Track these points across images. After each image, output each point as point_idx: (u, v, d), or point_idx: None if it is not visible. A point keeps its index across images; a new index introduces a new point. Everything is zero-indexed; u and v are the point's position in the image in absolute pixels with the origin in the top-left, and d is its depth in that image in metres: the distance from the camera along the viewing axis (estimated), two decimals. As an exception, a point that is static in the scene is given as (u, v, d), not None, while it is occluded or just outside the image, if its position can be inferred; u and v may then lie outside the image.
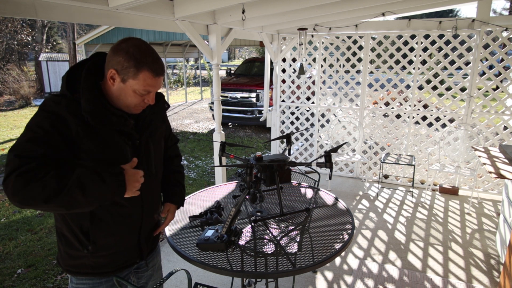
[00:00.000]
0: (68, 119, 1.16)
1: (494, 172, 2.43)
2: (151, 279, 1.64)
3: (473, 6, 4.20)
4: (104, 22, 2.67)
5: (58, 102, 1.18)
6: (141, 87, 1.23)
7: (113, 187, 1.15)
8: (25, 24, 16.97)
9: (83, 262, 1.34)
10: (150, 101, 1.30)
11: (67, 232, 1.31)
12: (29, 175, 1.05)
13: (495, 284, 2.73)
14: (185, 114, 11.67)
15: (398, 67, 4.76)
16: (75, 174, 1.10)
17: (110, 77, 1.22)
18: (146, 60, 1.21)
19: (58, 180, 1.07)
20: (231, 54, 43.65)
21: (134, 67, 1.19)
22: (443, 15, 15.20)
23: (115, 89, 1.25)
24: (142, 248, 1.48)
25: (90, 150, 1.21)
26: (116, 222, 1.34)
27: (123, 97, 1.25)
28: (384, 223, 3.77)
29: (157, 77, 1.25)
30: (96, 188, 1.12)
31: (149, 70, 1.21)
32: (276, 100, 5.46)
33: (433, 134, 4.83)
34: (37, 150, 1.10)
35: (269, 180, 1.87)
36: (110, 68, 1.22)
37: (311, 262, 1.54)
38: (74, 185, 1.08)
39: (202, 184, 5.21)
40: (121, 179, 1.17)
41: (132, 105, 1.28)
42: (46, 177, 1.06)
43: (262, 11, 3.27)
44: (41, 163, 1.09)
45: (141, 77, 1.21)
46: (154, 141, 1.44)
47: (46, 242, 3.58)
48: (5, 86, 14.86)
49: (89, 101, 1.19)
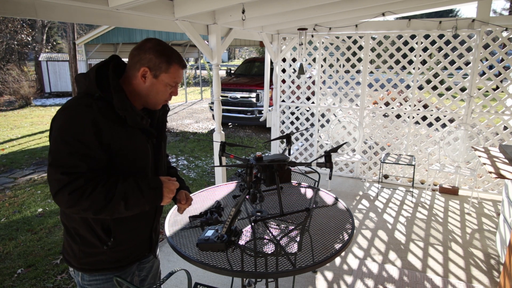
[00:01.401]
0: (101, 123, 1.21)
1: (494, 172, 2.43)
2: (151, 271, 1.69)
3: (473, 6, 4.20)
4: (104, 22, 2.67)
5: (90, 105, 1.21)
6: (172, 79, 1.34)
7: (150, 200, 1.27)
8: (25, 24, 16.96)
9: (100, 259, 1.38)
10: (175, 93, 1.40)
11: (84, 231, 1.34)
12: (79, 191, 1.15)
13: (495, 284, 2.73)
14: (185, 114, 11.67)
15: (398, 67, 4.76)
16: (118, 189, 1.21)
17: (142, 75, 1.31)
18: (174, 55, 1.33)
19: (105, 195, 1.18)
20: (231, 54, 43.64)
21: (166, 62, 1.30)
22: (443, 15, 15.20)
23: (146, 86, 1.33)
24: (152, 242, 1.57)
25: (120, 149, 1.27)
26: (134, 217, 1.39)
27: (154, 92, 1.34)
28: (384, 223, 3.77)
29: (183, 68, 1.38)
30: (136, 200, 1.24)
31: (178, 63, 1.34)
32: (276, 100, 5.46)
33: (433, 134, 4.83)
34: (82, 165, 1.18)
35: (269, 180, 1.87)
36: (141, 66, 1.30)
37: (311, 262, 1.54)
38: (118, 198, 1.20)
39: (202, 184, 5.21)
40: (158, 193, 1.29)
41: (162, 100, 1.38)
42: (94, 192, 1.17)
43: (262, 11, 3.27)
44: (88, 178, 1.18)
45: (172, 70, 1.32)
46: (163, 139, 1.54)
47: (46, 242, 3.58)
48: (5, 86, 14.86)
49: (121, 99, 1.26)
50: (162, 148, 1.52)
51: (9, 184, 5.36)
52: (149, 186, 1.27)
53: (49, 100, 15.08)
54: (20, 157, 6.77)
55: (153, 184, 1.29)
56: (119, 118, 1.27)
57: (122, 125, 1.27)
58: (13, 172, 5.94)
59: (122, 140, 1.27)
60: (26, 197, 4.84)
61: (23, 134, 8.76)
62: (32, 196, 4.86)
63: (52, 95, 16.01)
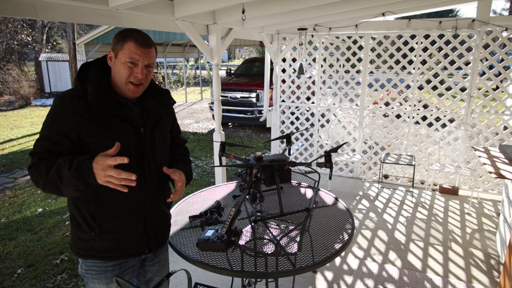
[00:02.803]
0: (70, 113, 1.29)
1: (494, 172, 2.43)
2: (158, 274, 1.67)
3: (473, 6, 4.20)
4: (104, 22, 2.67)
5: (63, 97, 1.32)
6: (127, 56, 1.33)
7: (78, 174, 1.22)
8: (25, 24, 16.96)
9: (91, 245, 1.42)
10: (139, 73, 1.36)
11: (78, 216, 1.41)
12: (33, 168, 1.28)
13: (495, 284, 2.73)
14: (185, 114, 11.67)
15: (398, 67, 4.76)
16: (56, 164, 1.25)
17: (109, 57, 1.39)
18: (131, 34, 1.35)
19: (46, 169, 1.26)
20: (231, 54, 43.63)
21: (122, 40, 1.34)
22: (443, 15, 15.19)
23: (112, 68, 1.39)
24: (149, 238, 1.52)
25: (94, 135, 1.31)
26: (119, 206, 1.41)
27: (116, 72, 1.37)
28: (384, 223, 3.77)
29: (142, 47, 1.34)
30: (66, 175, 1.23)
31: (132, 41, 1.33)
32: (276, 100, 5.46)
33: (433, 134, 4.83)
34: (42, 146, 1.30)
35: (269, 180, 1.87)
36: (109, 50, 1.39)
37: (311, 262, 1.54)
38: (53, 172, 1.24)
39: (202, 184, 5.21)
40: (84, 167, 1.21)
41: (124, 79, 1.36)
42: (40, 167, 1.26)
43: (262, 11, 3.27)
44: (42, 157, 1.29)
45: (125, 47, 1.33)
46: (159, 131, 1.51)
47: (46, 242, 3.58)
48: (5, 86, 14.86)
49: (95, 88, 1.32)
50: (156, 139, 1.48)
51: (9, 184, 5.36)
52: (77, 160, 1.22)
53: (49, 100, 15.07)
54: (20, 157, 6.77)
55: (80, 158, 1.24)
56: (94, 106, 1.32)
57: (96, 113, 1.32)
58: (13, 172, 5.94)
59: (96, 127, 1.31)
60: (26, 197, 4.84)
61: (23, 134, 8.76)
62: (32, 196, 4.86)
63: (52, 95, 16.00)
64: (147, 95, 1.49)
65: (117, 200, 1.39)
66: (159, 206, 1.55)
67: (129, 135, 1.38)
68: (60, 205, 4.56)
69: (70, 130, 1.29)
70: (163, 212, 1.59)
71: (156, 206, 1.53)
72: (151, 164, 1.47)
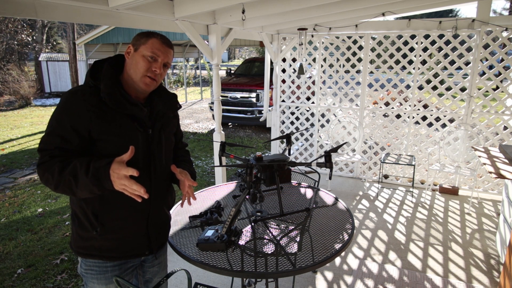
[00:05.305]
0: (82, 108, 1.29)
1: (494, 172, 2.43)
2: (157, 275, 1.67)
3: (473, 6, 4.20)
4: (104, 22, 2.67)
5: (75, 92, 1.32)
6: (149, 50, 1.38)
7: (94, 180, 1.22)
8: (25, 24, 16.96)
9: (92, 244, 1.41)
10: (157, 68, 1.40)
11: (80, 214, 1.40)
12: (44, 166, 1.26)
13: (495, 284, 2.73)
14: (185, 114, 11.67)
15: (398, 67, 4.76)
16: (71, 165, 1.24)
17: (127, 52, 1.42)
18: (155, 33, 1.44)
19: (60, 169, 1.23)
20: (231, 54, 43.63)
21: (146, 36, 1.40)
22: (443, 15, 15.20)
23: (128, 61, 1.41)
24: (151, 240, 1.52)
25: (104, 133, 1.31)
26: (123, 207, 1.40)
27: (134, 65, 1.38)
28: (384, 223, 3.77)
29: (165, 45, 1.41)
30: (82, 179, 1.22)
31: (157, 38, 1.41)
32: (276, 100, 5.46)
33: (433, 134, 4.83)
34: (52, 143, 1.28)
35: (269, 180, 1.87)
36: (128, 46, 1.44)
37: (311, 262, 1.54)
38: (68, 174, 1.23)
39: (202, 184, 5.21)
40: (102, 174, 1.21)
41: (141, 72, 1.38)
42: (53, 166, 1.24)
43: (262, 11, 3.27)
44: (54, 155, 1.27)
45: (149, 42, 1.39)
46: (165, 133, 1.53)
47: (46, 242, 3.58)
48: (5, 86, 14.86)
49: (108, 85, 1.33)
50: (163, 141, 1.50)
51: (9, 184, 5.36)
52: (94, 166, 1.22)
53: (49, 100, 15.07)
54: (20, 157, 6.77)
55: (98, 164, 1.23)
56: (105, 104, 1.32)
57: (107, 110, 1.32)
58: (13, 172, 5.94)
59: (107, 124, 1.32)
60: (26, 197, 4.84)
61: (23, 134, 8.76)
62: (32, 196, 4.86)
63: (52, 95, 16.00)
64: (155, 97, 1.50)
65: (121, 200, 1.37)
66: (162, 208, 1.56)
67: (138, 135, 1.40)
68: (60, 205, 4.56)
69: (81, 125, 1.28)
70: (165, 214, 1.60)
71: (159, 208, 1.54)
72: (157, 165, 1.48)
